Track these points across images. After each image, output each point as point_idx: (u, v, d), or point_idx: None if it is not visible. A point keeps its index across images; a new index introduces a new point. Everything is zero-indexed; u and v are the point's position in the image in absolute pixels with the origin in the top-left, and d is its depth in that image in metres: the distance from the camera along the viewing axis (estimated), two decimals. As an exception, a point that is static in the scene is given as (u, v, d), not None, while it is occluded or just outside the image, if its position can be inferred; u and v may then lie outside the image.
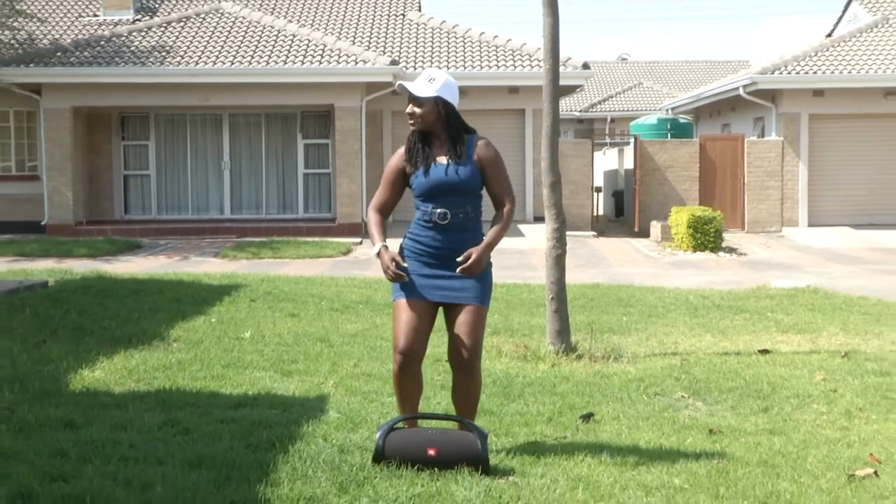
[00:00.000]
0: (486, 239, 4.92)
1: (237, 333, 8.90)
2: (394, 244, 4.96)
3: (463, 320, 4.94)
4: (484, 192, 5.07)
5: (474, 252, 4.83)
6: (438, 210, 4.91)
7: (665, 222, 21.63)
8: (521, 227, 22.40)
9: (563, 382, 7.04)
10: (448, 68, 22.77)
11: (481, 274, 4.95)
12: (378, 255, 4.92)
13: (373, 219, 5.12)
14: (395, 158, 5.08)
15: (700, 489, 4.65)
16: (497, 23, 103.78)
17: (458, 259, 4.83)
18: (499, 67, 23.61)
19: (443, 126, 4.97)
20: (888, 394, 6.86)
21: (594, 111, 44.48)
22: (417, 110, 4.92)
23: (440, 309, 5.06)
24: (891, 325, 10.12)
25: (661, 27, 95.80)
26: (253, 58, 22.14)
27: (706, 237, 19.54)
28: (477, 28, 25.43)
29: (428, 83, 4.92)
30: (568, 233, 8.86)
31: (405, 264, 4.90)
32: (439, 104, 4.93)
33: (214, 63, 21.97)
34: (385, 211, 5.12)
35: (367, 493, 4.44)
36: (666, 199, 24.17)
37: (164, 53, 22.43)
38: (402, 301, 4.94)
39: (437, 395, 6.31)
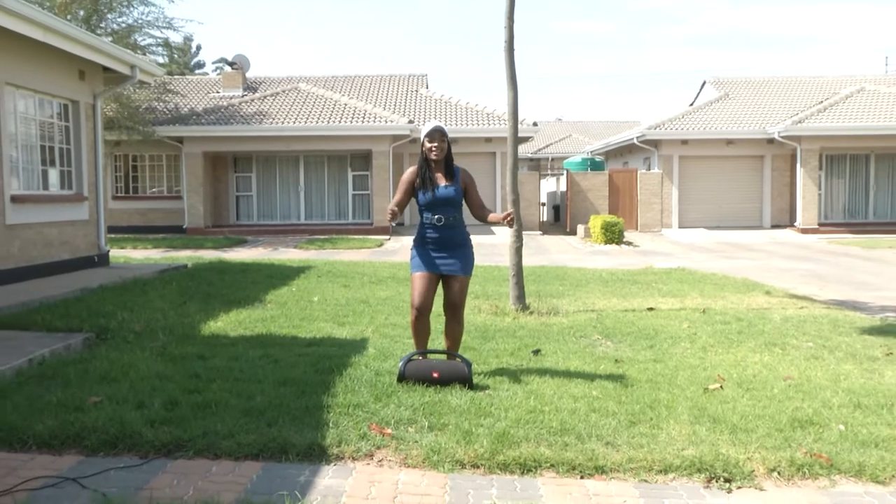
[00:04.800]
0: (496, 214, 5.03)
1: (309, 298, 8.91)
2: (406, 240, 4.99)
3: (455, 286, 5.02)
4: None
5: (502, 215, 4.98)
6: (436, 216, 4.96)
7: (587, 225, 21.63)
8: (493, 228, 22.39)
9: (521, 329, 7.05)
10: (446, 125, 22.81)
11: (466, 254, 5.06)
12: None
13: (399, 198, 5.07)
14: (409, 174, 5.10)
15: (609, 398, 4.67)
16: (480, 90, 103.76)
17: (501, 217, 4.96)
18: (478, 125, 23.63)
19: (444, 156, 5.04)
20: (729, 336, 6.88)
21: (541, 153, 44.25)
22: (444, 145, 5.01)
23: (440, 280, 5.08)
24: (731, 292, 10.13)
25: (585, 97, 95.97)
26: (319, 119, 22.11)
27: (613, 235, 19.57)
28: (465, 98, 25.51)
29: (432, 124, 5.04)
30: (523, 232, 8.85)
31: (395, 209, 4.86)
32: (448, 141, 5.07)
33: (294, 122, 21.94)
34: (400, 208, 5.02)
35: (393, 401, 4.45)
36: (587, 210, 24.26)
37: (261, 116, 22.40)
38: (418, 273, 4.99)
39: (438, 338, 6.31)
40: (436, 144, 4.98)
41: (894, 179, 24.58)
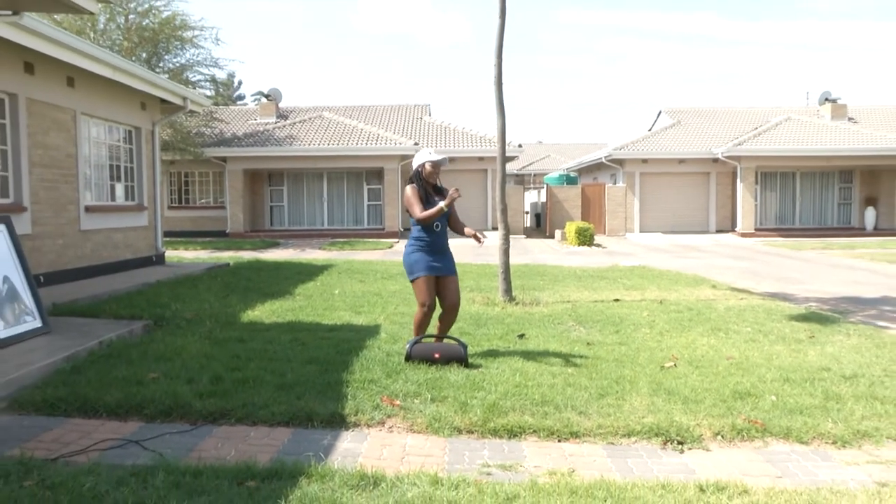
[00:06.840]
0: (470, 229, 4.99)
1: (331, 291, 8.89)
2: (403, 245, 4.98)
3: (451, 285, 5.01)
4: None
5: (476, 233, 4.89)
6: (435, 223, 4.98)
7: (563, 230, 21.60)
8: (486, 233, 22.35)
9: (508, 317, 7.04)
10: (444, 147, 22.89)
11: (452, 257, 5.06)
12: (446, 203, 4.79)
13: (427, 210, 4.91)
14: (416, 190, 4.98)
15: (582, 374, 4.66)
16: (474, 113, 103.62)
17: (472, 234, 4.88)
18: (472, 146, 23.60)
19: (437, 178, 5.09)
20: (682, 322, 6.87)
21: (525, 170, 44.21)
22: (439, 170, 5.05)
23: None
24: (683, 286, 10.11)
25: (562, 122, 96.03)
26: (339, 141, 22.07)
27: (585, 238, 19.53)
28: (461, 124, 25.58)
29: (438, 155, 5.04)
30: (510, 236, 8.84)
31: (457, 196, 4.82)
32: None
33: (318, 144, 21.88)
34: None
35: (402, 377, 4.44)
36: (563, 217, 24.22)
37: (292, 139, 22.37)
38: (424, 277, 4.95)
39: (432, 324, 6.29)
40: (437, 172, 5.04)
41: (816, 192, 24.71)
